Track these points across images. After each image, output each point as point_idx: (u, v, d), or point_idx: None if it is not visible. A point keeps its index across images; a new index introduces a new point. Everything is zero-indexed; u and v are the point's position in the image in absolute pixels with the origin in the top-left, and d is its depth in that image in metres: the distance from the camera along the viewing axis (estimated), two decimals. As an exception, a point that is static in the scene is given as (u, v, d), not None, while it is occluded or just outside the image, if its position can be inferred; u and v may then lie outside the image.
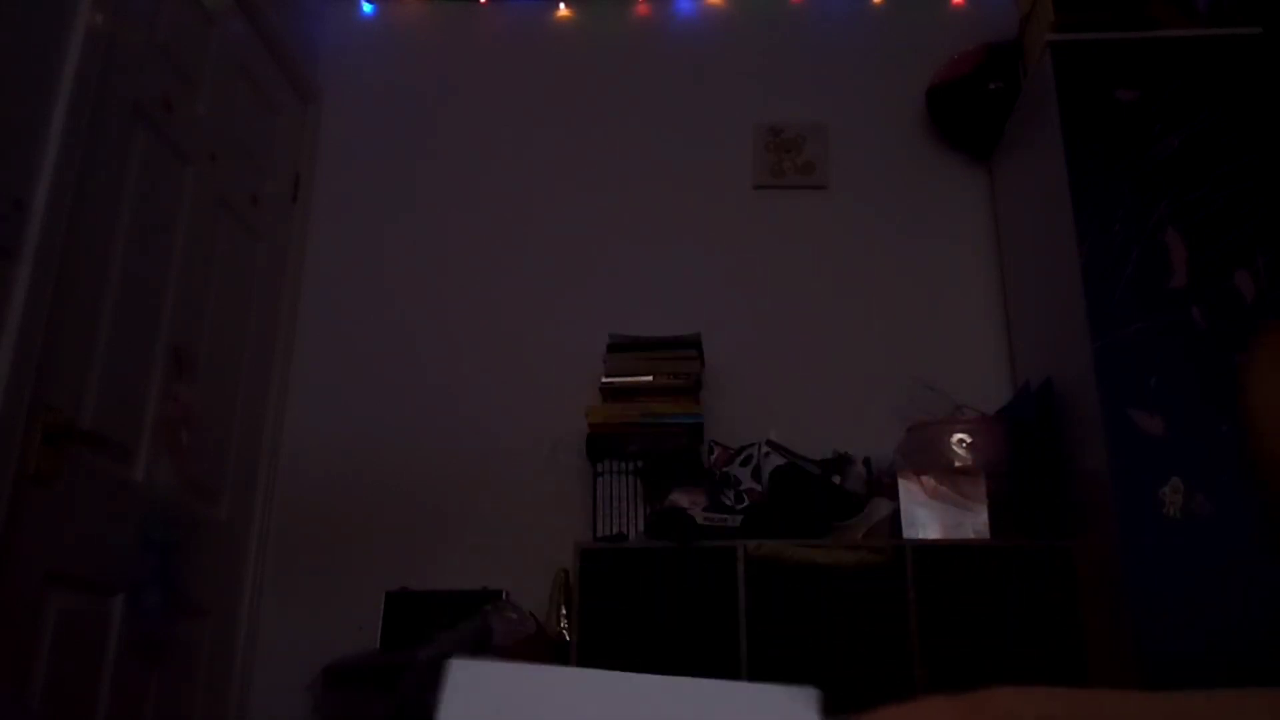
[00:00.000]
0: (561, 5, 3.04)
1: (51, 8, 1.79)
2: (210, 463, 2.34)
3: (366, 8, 3.07)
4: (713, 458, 2.39)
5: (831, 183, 2.85)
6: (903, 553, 2.06)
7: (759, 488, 2.27)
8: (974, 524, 2.10)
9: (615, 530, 2.31)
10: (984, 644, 1.98)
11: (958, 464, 2.17)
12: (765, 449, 2.33)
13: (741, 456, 2.35)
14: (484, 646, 2.10)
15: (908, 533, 2.11)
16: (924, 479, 2.14)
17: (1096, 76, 2.23)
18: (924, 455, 2.19)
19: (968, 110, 2.74)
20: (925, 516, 2.12)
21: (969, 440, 2.19)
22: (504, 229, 2.84)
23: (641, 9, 3.06)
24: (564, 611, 2.25)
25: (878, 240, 2.79)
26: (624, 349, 2.47)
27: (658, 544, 2.14)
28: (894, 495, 2.17)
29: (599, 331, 2.52)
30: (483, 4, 3.05)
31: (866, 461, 2.34)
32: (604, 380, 2.43)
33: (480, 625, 2.15)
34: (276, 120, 2.76)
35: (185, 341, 2.21)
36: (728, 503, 2.25)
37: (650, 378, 2.41)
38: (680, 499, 2.20)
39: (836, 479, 2.31)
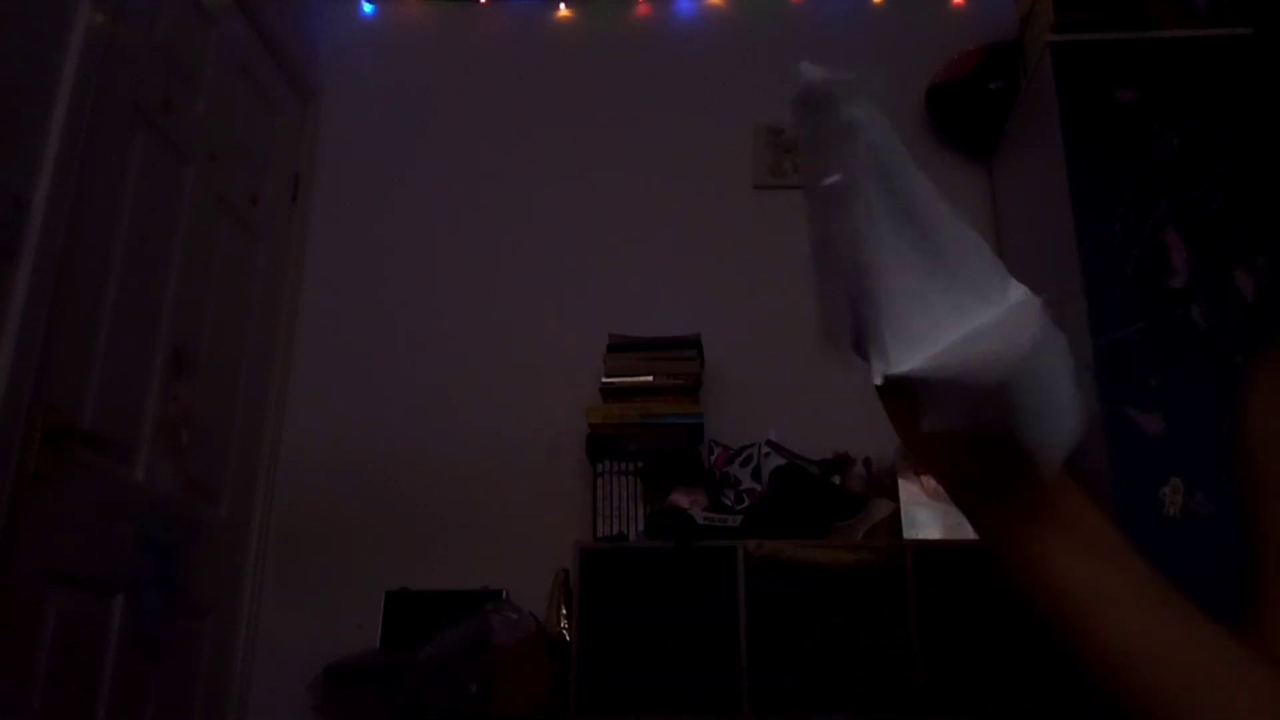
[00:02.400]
0: (561, 5, 3.04)
1: (51, 8, 1.79)
2: (210, 463, 2.34)
3: (366, 8, 3.07)
4: (713, 458, 2.39)
5: (831, 183, 2.84)
6: (903, 553, 2.06)
7: (759, 488, 2.27)
8: (974, 524, 2.09)
9: (615, 530, 2.31)
10: (984, 644, 1.98)
11: (958, 464, 2.16)
12: (765, 449, 2.33)
13: (741, 456, 2.35)
14: (484, 646, 2.10)
15: (908, 533, 2.11)
16: (924, 479, 2.14)
17: (1096, 76, 2.23)
18: (924, 455, 2.19)
19: (968, 110, 2.74)
20: (925, 517, 2.12)
21: (969, 440, 2.19)
22: (503, 229, 2.84)
23: (641, 9, 3.06)
24: (564, 611, 2.25)
25: (878, 240, 2.78)
26: (624, 349, 2.47)
27: (658, 544, 2.14)
28: (894, 495, 2.17)
29: (599, 331, 2.51)
30: (483, 4, 3.05)
31: (866, 461, 2.34)
32: (604, 380, 2.43)
33: (480, 625, 2.15)
34: (276, 120, 2.76)
35: (185, 341, 2.21)
36: (728, 503, 2.25)
37: (650, 378, 2.41)
38: (680, 499, 2.20)
39: (836, 479, 2.31)
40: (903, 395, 0.51)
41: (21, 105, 1.71)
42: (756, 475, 2.30)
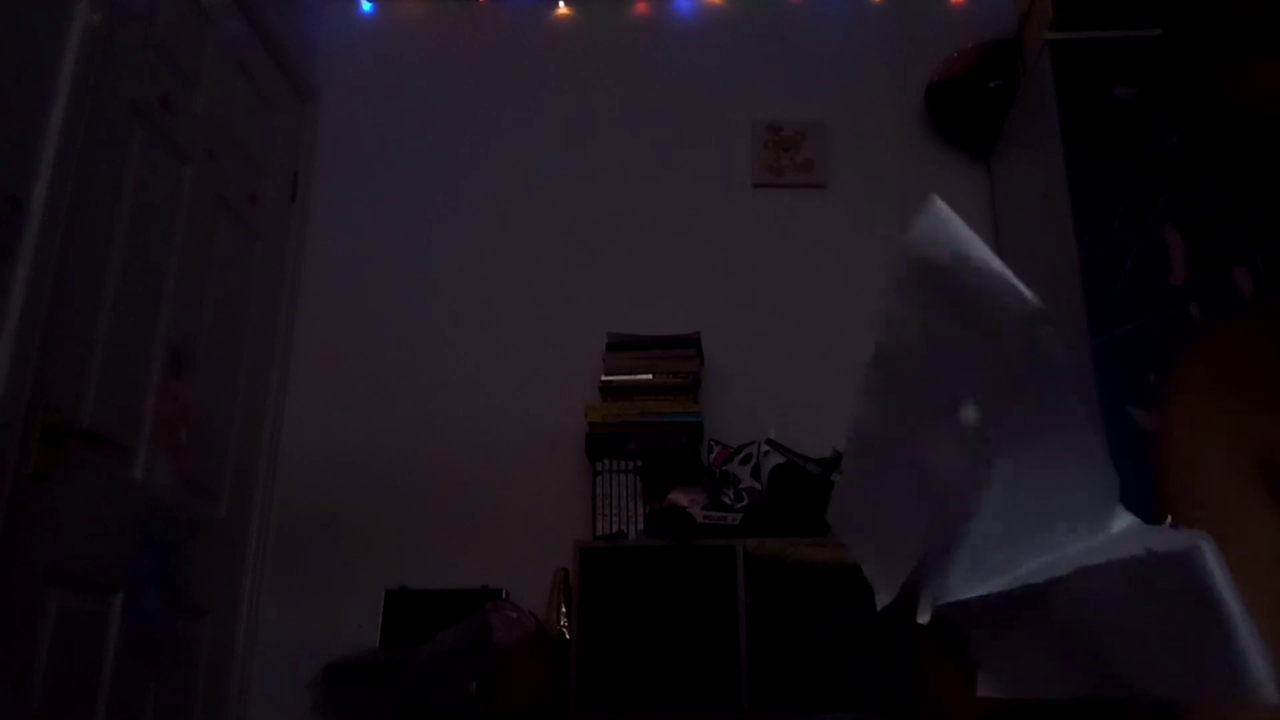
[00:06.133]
0: (561, 4, 3.04)
1: (50, 8, 1.79)
2: (210, 462, 2.34)
3: (366, 6, 3.06)
4: (712, 456, 2.39)
5: (831, 181, 2.85)
6: (902, 551, 2.05)
7: (759, 486, 2.27)
8: (974, 522, 2.09)
9: (615, 529, 2.31)
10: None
11: (957, 462, 2.16)
12: (765, 448, 2.33)
13: (741, 455, 2.35)
14: (484, 645, 2.11)
15: (907, 531, 2.11)
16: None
17: (1095, 74, 2.23)
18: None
19: (967, 108, 2.74)
20: (925, 514, 2.12)
21: (968, 438, 2.19)
22: (503, 227, 2.84)
23: (641, 8, 3.05)
24: (564, 610, 2.25)
25: (877, 238, 2.78)
26: (623, 347, 2.47)
27: (658, 543, 2.15)
28: (894, 493, 2.17)
29: (599, 330, 2.51)
30: (482, 3, 3.05)
31: (866, 460, 2.33)
32: (603, 379, 2.43)
33: (480, 624, 2.15)
34: (275, 119, 2.75)
35: (184, 340, 2.21)
36: (727, 501, 2.25)
37: (649, 376, 2.41)
38: (680, 498, 2.20)
39: (836, 477, 2.31)
40: (952, 644, 0.35)
41: (20, 104, 1.70)
42: (756, 474, 2.30)
